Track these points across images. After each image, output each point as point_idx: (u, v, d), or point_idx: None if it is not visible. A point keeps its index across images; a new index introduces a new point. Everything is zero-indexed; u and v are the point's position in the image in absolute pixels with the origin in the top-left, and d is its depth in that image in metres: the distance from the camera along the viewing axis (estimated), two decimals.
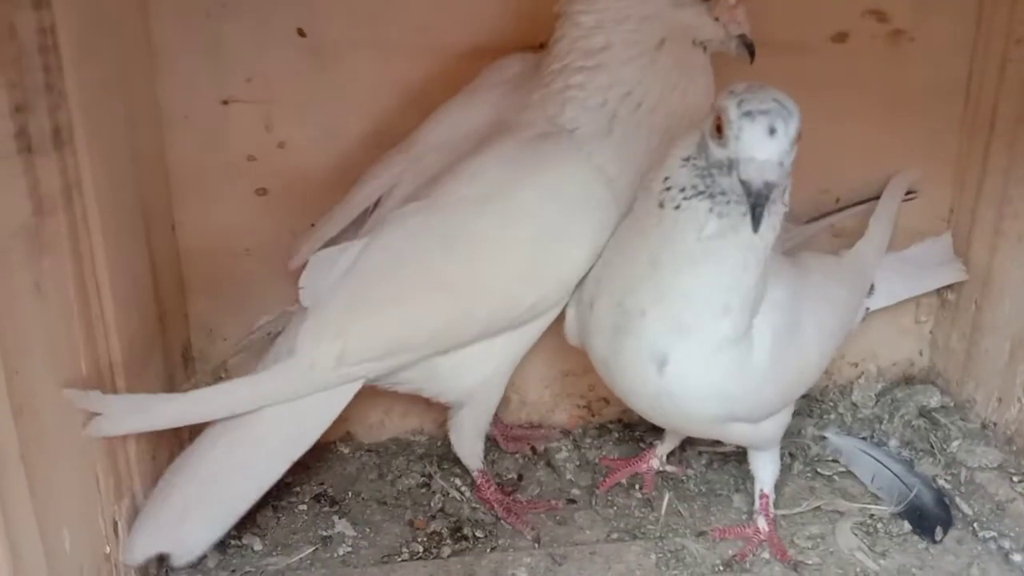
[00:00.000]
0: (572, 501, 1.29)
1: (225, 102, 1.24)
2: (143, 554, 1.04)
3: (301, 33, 1.22)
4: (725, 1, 1.08)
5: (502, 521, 1.23)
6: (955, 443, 1.37)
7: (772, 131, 0.86)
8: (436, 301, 1.08)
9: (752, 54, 1.10)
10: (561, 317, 1.16)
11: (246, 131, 1.26)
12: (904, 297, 1.41)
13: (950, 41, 1.37)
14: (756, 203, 0.87)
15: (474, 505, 1.27)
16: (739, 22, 1.09)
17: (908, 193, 1.41)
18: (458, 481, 1.31)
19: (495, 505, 1.24)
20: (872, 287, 1.30)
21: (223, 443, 1.08)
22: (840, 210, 1.41)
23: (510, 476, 1.34)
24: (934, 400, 1.47)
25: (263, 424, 1.08)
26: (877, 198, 1.39)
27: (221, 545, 1.15)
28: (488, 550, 1.18)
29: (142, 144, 1.15)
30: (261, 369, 1.10)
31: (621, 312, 1.02)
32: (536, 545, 1.19)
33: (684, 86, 1.10)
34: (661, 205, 0.95)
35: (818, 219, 1.40)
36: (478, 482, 1.25)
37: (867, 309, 1.30)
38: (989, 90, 1.36)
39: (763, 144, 0.86)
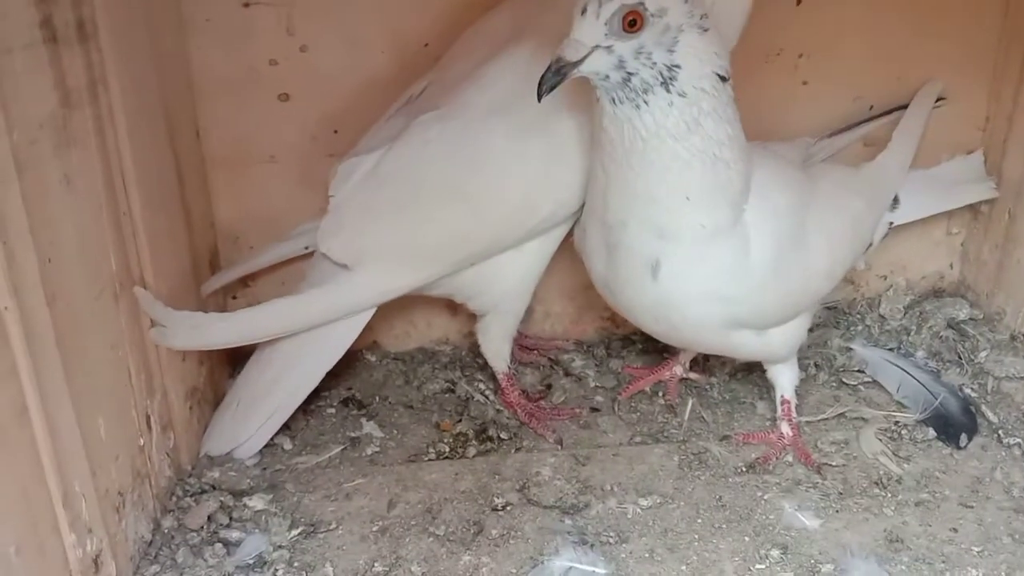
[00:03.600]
0: (596, 409, 1.30)
1: (247, 5, 1.23)
2: (217, 451, 1.18)
3: None
4: None
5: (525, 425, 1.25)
6: (983, 354, 1.36)
7: (583, 11, 0.89)
8: (451, 208, 1.09)
9: None
10: None
11: (268, 35, 1.24)
12: (930, 213, 1.38)
13: None
14: (542, 76, 0.90)
15: (499, 408, 1.29)
16: None
17: (938, 100, 1.37)
18: (482, 387, 1.33)
19: (518, 409, 1.26)
20: (896, 201, 1.28)
21: (270, 354, 1.18)
22: (865, 121, 1.37)
23: (538, 389, 1.35)
24: (963, 312, 1.46)
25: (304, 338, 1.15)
26: (906, 106, 1.35)
27: None
28: (513, 451, 1.20)
29: (165, 47, 1.15)
30: (305, 288, 1.13)
31: (607, 228, 1.02)
32: (559, 447, 1.21)
33: None
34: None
35: (843, 131, 1.36)
36: (503, 385, 1.27)
37: (890, 224, 1.28)
38: None
39: (575, 22, 0.90)
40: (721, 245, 0.99)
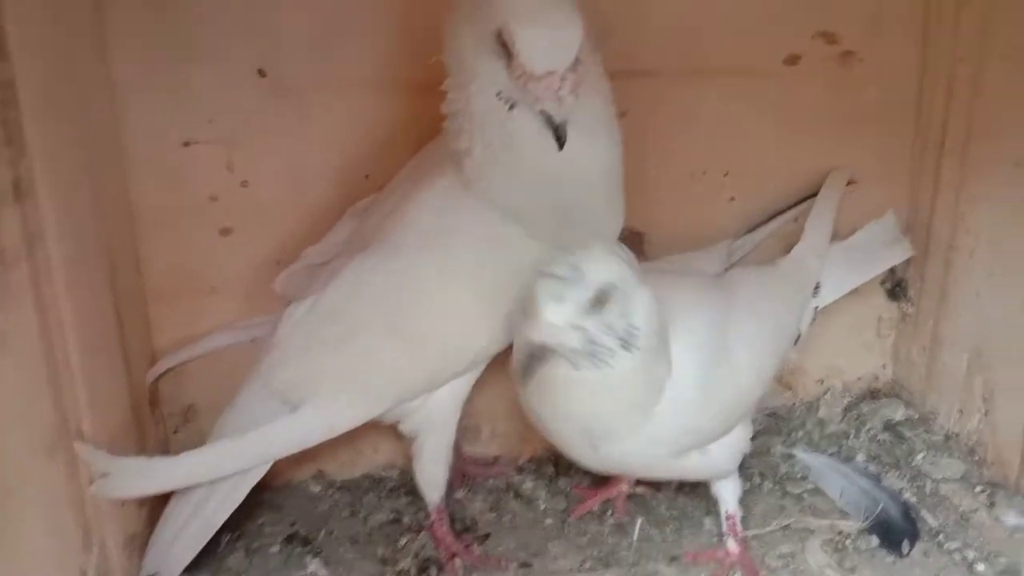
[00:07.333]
0: (526, 565, 1.23)
1: (187, 144, 1.24)
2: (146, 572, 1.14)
3: (262, 74, 1.23)
4: (521, 66, 0.90)
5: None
6: (920, 456, 1.40)
7: (560, 298, 0.91)
8: (388, 346, 1.10)
9: (558, 141, 0.93)
10: None
11: (208, 172, 1.26)
12: (853, 286, 1.38)
13: (898, 62, 1.41)
14: (528, 364, 0.94)
15: None
16: (539, 97, 0.91)
17: (849, 183, 1.42)
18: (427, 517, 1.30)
19: (440, 545, 1.22)
20: (817, 286, 1.30)
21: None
22: (783, 211, 1.41)
23: (484, 518, 1.32)
24: (899, 414, 1.50)
25: None
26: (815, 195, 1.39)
27: None
28: None
29: (105, 189, 1.15)
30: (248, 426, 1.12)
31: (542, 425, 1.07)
32: None
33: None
34: None
35: (762, 224, 1.40)
36: (432, 517, 1.23)
37: (816, 309, 1.30)
38: (938, 109, 1.40)
39: (547, 308, 0.91)
40: (652, 419, 1.02)
